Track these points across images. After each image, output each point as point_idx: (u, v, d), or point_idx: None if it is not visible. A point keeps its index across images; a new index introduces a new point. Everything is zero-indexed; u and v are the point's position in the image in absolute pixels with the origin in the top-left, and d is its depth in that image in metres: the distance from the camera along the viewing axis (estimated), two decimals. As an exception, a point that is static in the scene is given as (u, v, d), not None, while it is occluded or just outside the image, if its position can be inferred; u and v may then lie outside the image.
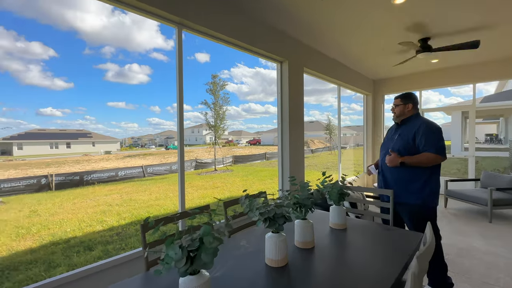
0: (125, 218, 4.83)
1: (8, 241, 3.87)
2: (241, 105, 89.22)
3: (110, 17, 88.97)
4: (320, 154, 19.65)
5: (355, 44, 3.78)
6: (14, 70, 46.79)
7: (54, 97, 54.19)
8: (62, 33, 59.89)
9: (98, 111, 58.96)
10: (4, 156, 26.91)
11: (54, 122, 63.57)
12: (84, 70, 55.79)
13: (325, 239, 1.58)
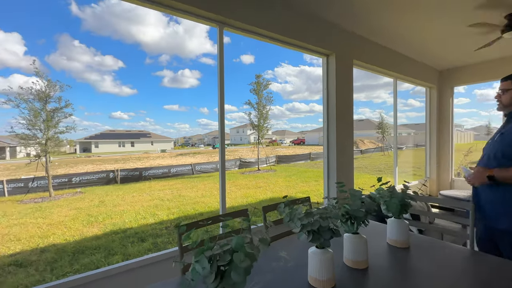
0: (174, 213, 5.16)
1: (81, 227, 4.51)
2: (285, 104, 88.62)
3: (166, 28, 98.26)
4: (371, 155, 18.06)
5: (417, 28, 3.25)
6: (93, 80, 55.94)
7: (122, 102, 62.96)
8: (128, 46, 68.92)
9: (156, 113, 66.26)
10: (85, 153, 32.19)
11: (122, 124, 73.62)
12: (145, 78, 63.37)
13: (382, 258, 1.33)
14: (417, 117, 17.90)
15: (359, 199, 1.20)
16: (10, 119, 7.03)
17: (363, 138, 27.25)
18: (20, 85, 7.56)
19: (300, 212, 1.11)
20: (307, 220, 1.09)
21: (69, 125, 8.20)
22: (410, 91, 5.18)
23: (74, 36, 57.09)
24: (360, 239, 1.22)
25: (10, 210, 6.07)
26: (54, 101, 7.91)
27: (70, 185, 9.37)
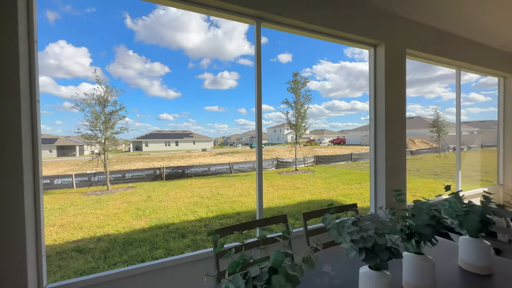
0: (212, 211, 5.28)
1: (130, 219, 4.91)
2: (324, 102, 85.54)
3: (207, 33, 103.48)
4: (424, 157, 16.18)
5: (485, 5, 2.71)
6: (144, 85, 62.06)
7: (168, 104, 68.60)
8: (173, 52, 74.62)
9: (198, 114, 70.52)
10: (137, 151, 35.79)
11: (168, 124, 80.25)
12: (188, 81, 67.96)
13: (453, 285, 1.07)
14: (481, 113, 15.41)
15: (426, 213, 0.98)
16: (77, 122, 8.31)
17: (414, 137, 24.67)
18: (84, 92, 8.67)
19: (349, 225, 0.95)
20: (358, 234, 0.92)
21: (122, 126, 9.12)
22: (473, 83, 4.36)
23: (129, 47, 64.02)
24: (425, 262, 1.00)
25: (76, 201, 6.96)
26: (111, 105, 8.86)
27: (123, 180, 10.40)
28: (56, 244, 3.70)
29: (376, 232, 0.91)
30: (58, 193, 8.39)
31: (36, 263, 1.59)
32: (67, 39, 60.51)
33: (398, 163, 2.97)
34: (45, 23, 50.66)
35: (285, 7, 2.27)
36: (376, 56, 2.96)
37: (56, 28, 58.09)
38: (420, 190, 6.97)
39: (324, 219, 0.99)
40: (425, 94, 53.47)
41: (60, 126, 57.63)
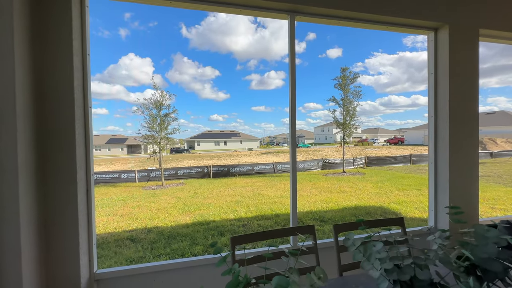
0: (251, 211, 5.30)
1: (177, 214, 5.29)
2: (378, 99, 78.39)
3: (254, 35, 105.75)
4: (509, 160, 13.31)
5: None
6: (196, 89, 66.93)
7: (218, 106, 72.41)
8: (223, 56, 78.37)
9: (245, 114, 72.54)
10: (191, 150, 38.99)
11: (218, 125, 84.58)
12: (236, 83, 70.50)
13: None
14: None
15: (491, 241, 0.73)
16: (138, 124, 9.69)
17: (494, 136, 20.66)
18: (144, 97, 9.80)
19: (380, 249, 0.77)
20: (391, 263, 0.74)
21: (175, 127, 9.98)
22: None
23: (184, 54, 69.95)
24: (493, 307, 0.75)
25: (136, 194, 7.88)
26: (165, 108, 9.78)
27: (176, 177, 11.36)
28: (116, 232, 4.22)
29: (415, 262, 0.71)
30: (124, 186, 9.64)
31: (88, 251, 1.79)
32: (135, 51, 69.49)
33: (467, 168, 2.45)
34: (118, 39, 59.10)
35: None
36: (437, 41, 2.50)
37: (126, 43, 67.26)
38: (502, 201, 5.69)
39: (346, 239, 0.83)
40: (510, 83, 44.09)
41: (130, 128, 66.82)
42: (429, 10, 2.30)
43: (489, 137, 19.99)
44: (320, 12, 2.15)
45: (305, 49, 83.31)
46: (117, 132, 47.27)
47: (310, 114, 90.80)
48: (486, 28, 2.47)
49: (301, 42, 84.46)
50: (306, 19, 2.24)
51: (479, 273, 0.77)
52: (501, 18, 2.49)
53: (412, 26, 2.43)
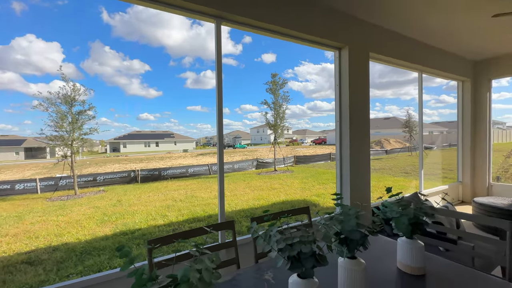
0: (183, 214, 5.13)
1: (94, 226, 4.63)
2: (307, 103, 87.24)
3: (189, 31, 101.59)
4: (397, 156, 16.95)
5: (444, 14, 2.84)
6: (122, 84, 59.57)
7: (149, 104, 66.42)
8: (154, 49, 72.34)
9: (180, 114, 68.95)
10: (114, 152, 34.32)
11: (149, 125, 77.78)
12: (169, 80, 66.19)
13: (388, 287, 1.08)
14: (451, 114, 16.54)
15: (354, 218, 0.96)
16: (41, 121, 7.76)
17: (389, 137, 25.75)
18: (48, 90, 8.10)
19: (276, 233, 0.91)
20: (284, 243, 0.89)
21: (92, 126, 8.63)
22: (444, 86, 4.69)
23: (105, 43, 60.96)
24: (357, 266, 0.99)
25: (38, 207, 6.48)
26: (80, 104, 8.36)
27: (95, 184, 9.86)
28: (5, 256, 3.39)
29: (301, 240, 0.88)
30: (19, 199, 7.78)
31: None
32: (36, 32, 56.44)
33: (362, 163, 3.04)
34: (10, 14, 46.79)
35: (245, 7, 2.23)
36: (340, 58, 3.01)
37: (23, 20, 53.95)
38: (391, 188, 7.25)
39: (250, 228, 0.94)
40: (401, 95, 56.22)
41: (30, 127, 53.69)
42: (334, 32, 2.76)
43: (385, 138, 24.87)
44: (244, 21, 2.30)
45: (241, 52, 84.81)
46: (10, 132, 37.27)
47: (246, 115, 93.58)
48: (374, 52, 3.13)
49: (237, 44, 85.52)
50: (232, 25, 2.36)
51: (347, 243, 1.00)
52: (383, 46, 3.21)
53: (322, 44, 2.85)
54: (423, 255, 1.16)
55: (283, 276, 1.17)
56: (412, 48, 3.58)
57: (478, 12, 2.85)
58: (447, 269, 1.21)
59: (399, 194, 1.27)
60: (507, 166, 6.83)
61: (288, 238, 0.89)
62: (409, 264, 1.16)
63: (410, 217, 1.10)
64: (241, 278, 1.19)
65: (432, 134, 23.85)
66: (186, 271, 0.68)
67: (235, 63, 74.46)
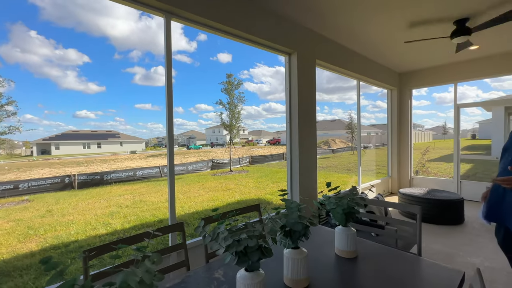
0: (130, 221, 4.73)
1: (15, 242, 3.91)
2: (262, 104, 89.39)
3: (138, 22, 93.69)
4: (342, 155, 18.72)
5: (375, 31, 3.27)
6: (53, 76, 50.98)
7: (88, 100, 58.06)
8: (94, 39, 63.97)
9: (127, 112, 62.36)
10: (43, 155, 29.39)
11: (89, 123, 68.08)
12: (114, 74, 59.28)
13: (327, 271, 1.20)
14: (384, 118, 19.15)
15: (296, 211, 1.05)
16: None
17: (335, 137, 28.20)
18: None
19: (223, 231, 0.93)
20: (232, 239, 0.91)
21: (12, 125, 7.27)
22: (379, 93, 5.41)
23: (31, 26, 51.63)
24: (300, 255, 1.08)
25: None
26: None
27: (16, 193, 8.32)
28: None
29: (248, 235, 0.92)
30: None
31: None
32: None
33: (310, 161, 3.28)
34: None
35: (197, 4, 2.19)
36: (290, 63, 3.19)
37: None
38: (335, 183, 7.98)
39: (197, 227, 0.95)
40: (345, 100, 62.17)
41: None
42: (285, 38, 2.91)
43: (331, 138, 27.20)
44: (195, 19, 2.26)
45: (196, 49, 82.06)
46: None
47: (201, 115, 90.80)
48: (320, 60, 3.40)
49: (192, 41, 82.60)
50: (183, 22, 2.29)
51: (291, 234, 1.08)
52: (328, 55, 3.52)
53: (273, 48, 2.98)
54: (355, 240, 1.33)
55: (233, 272, 1.20)
56: (352, 59, 4.01)
57: (395, 37, 3.39)
58: (375, 251, 1.41)
59: (337, 188, 1.42)
60: (423, 162, 8.22)
61: (235, 234, 0.92)
62: (344, 249, 1.32)
63: (344, 208, 1.25)
64: (191, 279, 1.17)
65: (369, 135, 27.07)
66: (125, 275, 0.64)
67: (189, 60, 71.70)
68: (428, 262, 1.27)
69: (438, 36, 3.25)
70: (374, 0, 2.53)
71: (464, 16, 2.81)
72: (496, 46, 3.87)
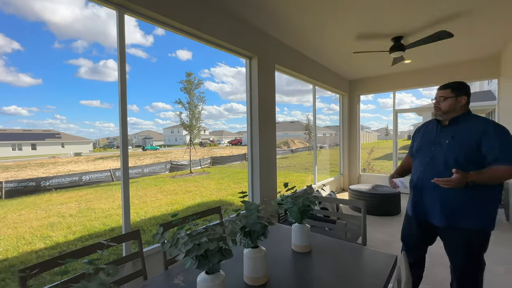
0: (75, 232, 4.23)
1: None
2: (223, 104, 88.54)
3: (83, 9, 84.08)
4: (300, 155, 19.70)
5: (326, 41, 3.56)
6: (-30, 64, 42.11)
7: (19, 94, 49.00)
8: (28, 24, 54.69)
9: (70, 109, 54.74)
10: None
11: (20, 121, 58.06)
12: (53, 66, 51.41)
13: (284, 267, 1.28)
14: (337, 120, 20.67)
15: (256, 211, 1.10)
16: None
17: (294, 138, 29.51)
18: None
19: (183, 236, 0.93)
20: (192, 243, 0.92)
21: None
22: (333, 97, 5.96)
23: None
24: (259, 253, 1.13)
25: None
26: None
27: None
28: None
29: (208, 238, 0.93)
30: None
31: None
32: None
33: (270, 161, 3.40)
34: None
35: (156, 2, 2.10)
36: (251, 66, 3.26)
37: None
38: (294, 182, 8.39)
39: (155, 234, 0.93)
40: (303, 102, 65.45)
41: None
42: (246, 42, 2.97)
43: (291, 139, 28.41)
44: (151, 15, 2.16)
45: (153, 44, 77.34)
46: None
47: (159, 114, 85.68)
48: (279, 64, 3.55)
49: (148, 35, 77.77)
50: (137, 17, 2.17)
51: (250, 234, 1.13)
52: (287, 60, 3.69)
53: (234, 51, 3.01)
54: (309, 235, 1.44)
55: (193, 277, 1.19)
56: (309, 65, 4.28)
57: (345, 48, 3.75)
58: (327, 244, 1.54)
59: (293, 188, 1.52)
60: (369, 160, 9.21)
61: (195, 238, 0.93)
62: (299, 244, 1.42)
63: (299, 206, 1.35)
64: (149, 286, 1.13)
65: (325, 136, 29.03)
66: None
67: (145, 55, 67.05)
68: (369, 250, 1.45)
69: (380, 49, 3.68)
70: (321, 12, 2.76)
71: (399, 34, 3.25)
72: (425, 61, 4.55)
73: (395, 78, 5.36)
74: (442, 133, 1.56)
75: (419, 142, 1.70)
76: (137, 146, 40.97)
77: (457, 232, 1.47)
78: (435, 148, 1.55)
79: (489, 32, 3.29)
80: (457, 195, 1.43)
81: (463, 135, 1.46)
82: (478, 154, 1.40)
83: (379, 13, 2.72)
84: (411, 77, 5.17)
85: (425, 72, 4.99)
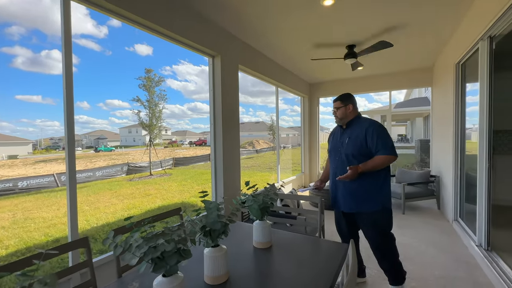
0: (8, 246, 3.65)
1: None
2: (187, 104, 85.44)
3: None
4: (265, 154, 20.07)
5: (287, 46, 3.71)
6: None
7: None
8: None
9: (2, 105, 46.88)
10: None
11: None
12: (-23, 53, 43.70)
13: (245, 264, 1.30)
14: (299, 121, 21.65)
15: (215, 210, 1.10)
16: None
17: (259, 138, 29.94)
18: None
19: (137, 239, 0.88)
20: (147, 246, 0.88)
21: None
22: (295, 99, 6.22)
23: None
24: (219, 252, 1.13)
25: None
26: None
27: None
28: None
29: (165, 239, 0.90)
30: None
31: None
32: None
33: (234, 161, 3.40)
34: None
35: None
36: (214, 65, 3.22)
37: None
38: (258, 182, 8.52)
39: (106, 239, 0.86)
40: (268, 103, 66.76)
41: None
42: (209, 41, 2.92)
43: (256, 139, 28.76)
44: (103, 4, 1.99)
45: (107, 35, 71.17)
46: None
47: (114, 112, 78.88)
48: (242, 65, 3.57)
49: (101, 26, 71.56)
50: (86, 5, 1.98)
51: (210, 234, 1.12)
52: (250, 61, 3.73)
53: (196, 49, 2.93)
54: (270, 231, 1.49)
55: (150, 282, 1.14)
56: (272, 67, 4.39)
57: (304, 54, 3.96)
58: (287, 239, 1.61)
59: (254, 186, 1.55)
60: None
61: (150, 240, 0.89)
62: (260, 240, 1.46)
63: (259, 203, 1.39)
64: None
65: (288, 136, 30.05)
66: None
67: (98, 47, 61.19)
68: (325, 241, 1.55)
69: (336, 56, 3.96)
70: (278, 16, 2.87)
71: (351, 43, 3.54)
72: (376, 69, 5.04)
73: (351, 83, 5.82)
74: (343, 135, 1.96)
75: (331, 144, 2.07)
76: (88, 147, 37.11)
77: (364, 214, 1.86)
78: (341, 148, 1.93)
79: (422, 47, 3.80)
80: (360, 185, 1.82)
81: (355, 134, 1.85)
82: (366, 148, 1.79)
83: (329, 27, 2.94)
84: (365, 83, 5.67)
85: (375, 79, 5.52)
